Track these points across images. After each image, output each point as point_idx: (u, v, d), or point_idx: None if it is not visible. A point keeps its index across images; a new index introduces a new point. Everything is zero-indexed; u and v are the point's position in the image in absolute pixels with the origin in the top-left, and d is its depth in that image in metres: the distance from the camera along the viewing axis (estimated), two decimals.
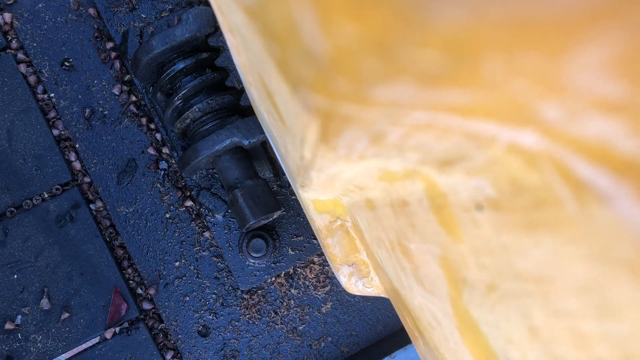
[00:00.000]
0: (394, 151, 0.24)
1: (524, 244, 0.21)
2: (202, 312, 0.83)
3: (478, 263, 0.25)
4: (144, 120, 0.81)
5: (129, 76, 0.80)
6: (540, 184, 0.19)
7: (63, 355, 0.78)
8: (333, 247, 0.48)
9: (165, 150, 0.81)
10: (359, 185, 0.34)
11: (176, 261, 0.82)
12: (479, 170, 0.22)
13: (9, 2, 0.79)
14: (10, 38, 0.79)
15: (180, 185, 0.82)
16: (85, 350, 0.79)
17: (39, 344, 0.77)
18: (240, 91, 0.70)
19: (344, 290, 0.83)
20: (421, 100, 0.18)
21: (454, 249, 0.27)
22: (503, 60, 0.15)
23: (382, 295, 0.48)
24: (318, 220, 0.48)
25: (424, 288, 0.33)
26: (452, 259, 0.27)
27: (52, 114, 0.80)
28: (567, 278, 0.20)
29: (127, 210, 0.81)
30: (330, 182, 0.33)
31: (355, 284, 0.49)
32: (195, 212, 0.82)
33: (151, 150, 0.81)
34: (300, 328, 0.84)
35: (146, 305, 0.81)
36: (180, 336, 0.82)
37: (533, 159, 0.19)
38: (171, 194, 0.82)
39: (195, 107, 0.68)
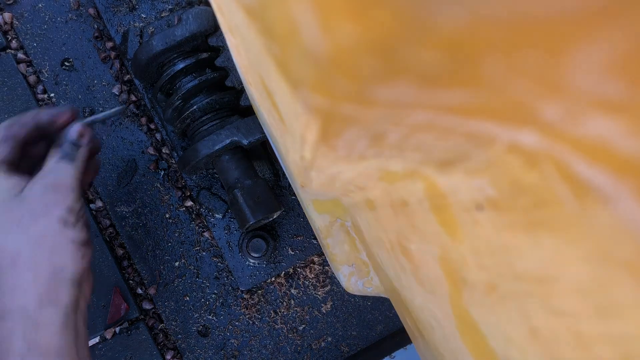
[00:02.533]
0: (394, 151, 0.24)
1: (524, 244, 0.21)
2: (202, 312, 0.83)
3: (478, 263, 0.25)
4: (143, 120, 0.81)
5: (128, 76, 0.80)
6: (540, 184, 0.19)
7: None
8: (333, 247, 0.48)
9: (165, 150, 0.81)
10: (359, 186, 0.34)
11: (176, 261, 0.82)
12: (479, 170, 0.22)
13: (9, 2, 0.79)
14: (10, 38, 0.79)
15: (180, 185, 0.82)
16: None
17: None
18: (240, 91, 0.70)
19: (344, 290, 0.83)
20: (421, 100, 0.18)
21: (454, 249, 0.27)
22: (503, 60, 0.15)
23: (382, 295, 0.48)
24: (318, 221, 0.48)
25: (424, 288, 0.33)
26: (452, 259, 0.27)
27: None
28: (567, 278, 0.20)
29: (127, 210, 0.81)
30: (330, 183, 0.33)
31: (355, 284, 0.49)
32: (195, 212, 0.82)
33: (151, 150, 0.81)
34: (300, 328, 0.84)
35: (146, 305, 0.81)
36: (180, 336, 0.82)
37: (533, 159, 0.19)
38: (171, 194, 0.82)
39: (195, 107, 0.68)
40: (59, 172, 0.51)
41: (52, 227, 0.48)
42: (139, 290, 0.82)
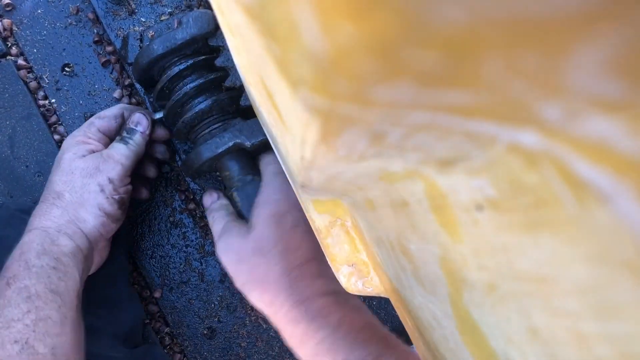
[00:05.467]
0: (394, 151, 0.24)
1: (524, 244, 0.22)
2: (207, 315, 0.83)
3: (478, 263, 0.25)
4: None
5: (129, 80, 0.80)
6: (540, 184, 0.19)
7: None
8: (333, 247, 0.48)
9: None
10: (359, 186, 0.34)
11: (180, 264, 0.82)
12: (479, 170, 0.22)
13: (8, 9, 0.79)
14: (10, 44, 0.79)
15: (183, 189, 0.82)
16: None
17: None
18: (240, 91, 0.70)
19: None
20: (421, 100, 0.18)
21: (454, 249, 0.27)
22: (503, 60, 0.15)
23: (382, 295, 0.48)
24: (318, 221, 0.48)
25: (424, 288, 0.33)
26: (452, 260, 0.27)
27: (53, 120, 0.80)
28: (567, 278, 0.20)
29: (131, 214, 0.81)
30: (331, 183, 0.34)
31: (355, 284, 0.49)
32: (198, 215, 0.82)
33: None
34: None
35: (152, 308, 0.81)
36: (186, 339, 0.82)
37: (533, 159, 0.19)
38: (174, 197, 0.82)
39: (196, 109, 0.68)
40: (113, 149, 0.65)
41: (91, 188, 0.62)
42: (145, 294, 0.82)
